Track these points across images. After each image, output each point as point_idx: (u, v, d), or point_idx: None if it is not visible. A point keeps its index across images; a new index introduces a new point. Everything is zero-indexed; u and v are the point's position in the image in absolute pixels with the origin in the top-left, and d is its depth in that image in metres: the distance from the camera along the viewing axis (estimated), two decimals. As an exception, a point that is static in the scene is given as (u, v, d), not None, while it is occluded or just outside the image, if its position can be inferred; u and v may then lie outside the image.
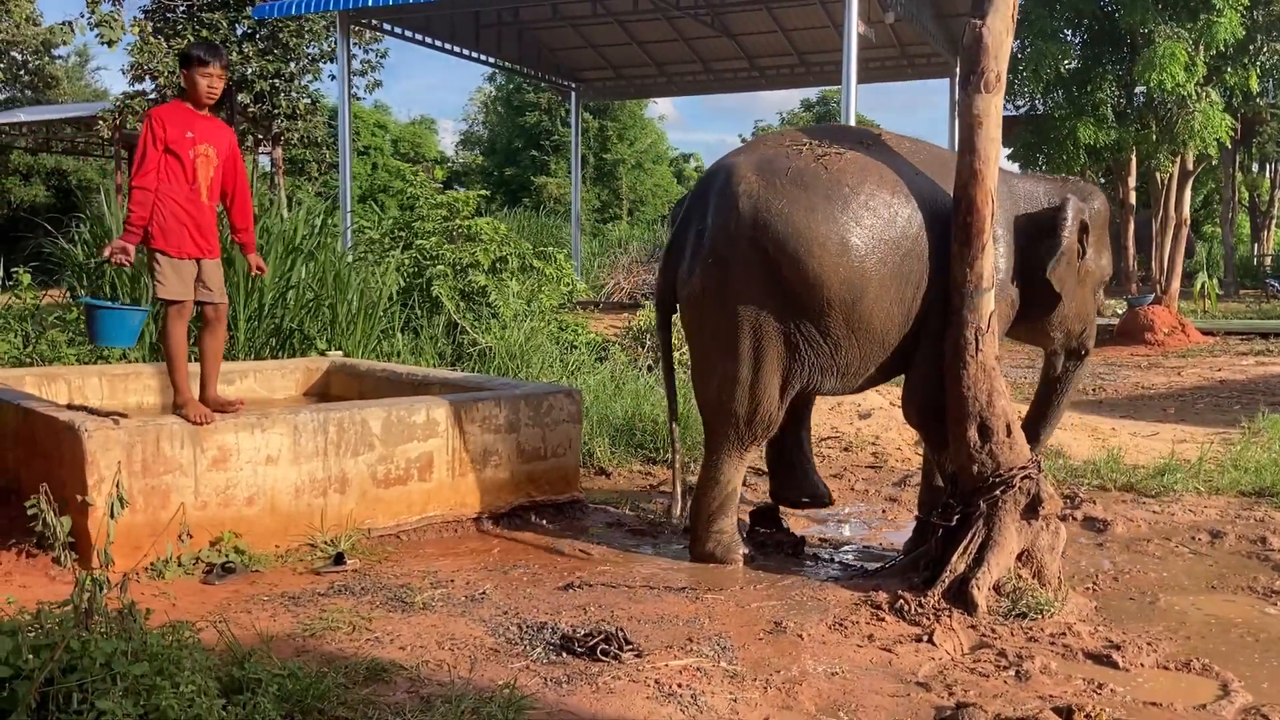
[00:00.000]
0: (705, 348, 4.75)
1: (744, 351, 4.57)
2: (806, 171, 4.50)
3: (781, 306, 4.49)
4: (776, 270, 4.43)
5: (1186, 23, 14.53)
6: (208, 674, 2.92)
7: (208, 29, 17.33)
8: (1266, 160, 30.35)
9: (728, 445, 4.77)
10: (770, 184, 4.48)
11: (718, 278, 4.56)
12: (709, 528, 4.86)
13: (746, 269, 4.48)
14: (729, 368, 4.60)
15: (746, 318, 4.53)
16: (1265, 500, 6.09)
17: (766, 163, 4.58)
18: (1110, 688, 3.53)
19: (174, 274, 4.82)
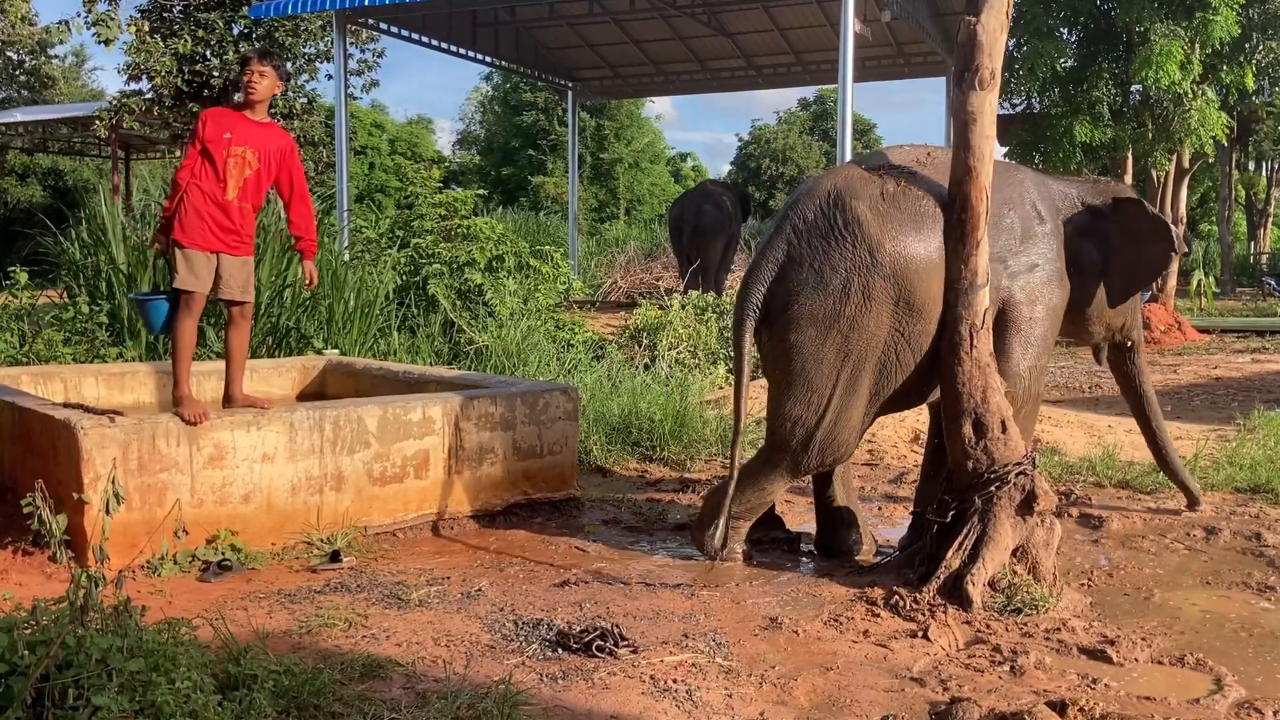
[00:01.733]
0: (798, 368, 4.57)
1: (842, 377, 4.52)
2: (914, 196, 4.53)
3: (891, 332, 4.49)
4: (893, 297, 4.44)
5: (1182, 21, 14.53)
6: (203, 670, 2.93)
7: (204, 29, 17.30)
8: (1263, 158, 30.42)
9: (790, 463, 4.69)
10: (882, 211, 4.48)
11: (829, 302, 4.47)
12: (725, 524, 4.74)
13: (862, 296, 4.44)
14: (821, 391, 4.54)
15: (854, 344, 4.48)
16: (1260, 497, 6.10)
17: (875, 188, 4.56)
18: (1104, 683, 3.54)
19: (187, 266, 4.92)
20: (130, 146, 23.81)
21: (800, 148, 39.32)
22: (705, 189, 16.61)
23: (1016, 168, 5.21)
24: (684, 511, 5.78)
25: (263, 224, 8.58)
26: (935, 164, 4.71)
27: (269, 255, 8.23)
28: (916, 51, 19.24)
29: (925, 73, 20.22)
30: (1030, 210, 4.86)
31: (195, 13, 17.62)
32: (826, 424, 4.57)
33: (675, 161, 42.94)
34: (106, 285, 8.14)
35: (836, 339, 4.48)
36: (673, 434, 7.16)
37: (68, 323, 7.64)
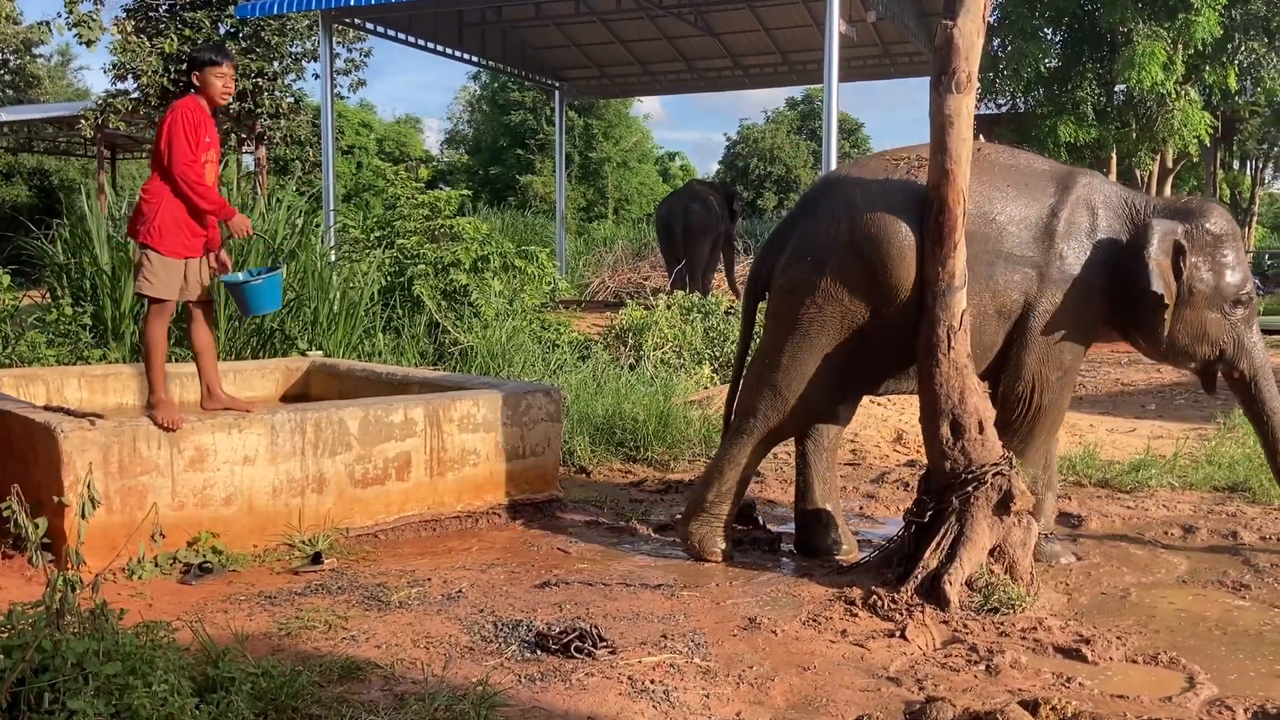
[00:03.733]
0: (773, 333, 4.87)
1: (813, 344, 4.70)
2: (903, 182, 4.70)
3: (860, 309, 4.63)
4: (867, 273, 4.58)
5: (1165, 22, 14.63)
6: (181, 673, 2.93)
7: (190, 28, 17.25)
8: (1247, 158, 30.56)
9: (759, 427, 4.86)
10: (869, 193, 4.68)
11: (812, 273, 4.70)
12: (707, 510, 4.93)
13: (840, 269, 4.64)
14: (796, 352, 4.72)
15: (830, 314, 4.66)
16: (1237, 495, 6.16)
17: (868, 174, 4.82)
18: (1079, 681, 3.57)
19: (164, 273, 4.87)
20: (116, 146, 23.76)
21: (788, 147, 39.40)
22: (693, 189, 16.63)
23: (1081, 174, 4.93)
24: (667, 512, 5.80)
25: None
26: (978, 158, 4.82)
27: (252, 256, 8.22)
28: (902, 51, 19.28)
29: (911, 72, 20.27)
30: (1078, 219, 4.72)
31: (181, 12, 17.58)
32: (793, 387, 4.74)
33: (663, 161, 42.97)
34: (90, 286, 8.12)
35: (810, 308, 4.69)
36: (656, 434, 7.18)
37: (51, 324, 7.62)
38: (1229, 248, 4.81)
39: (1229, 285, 4.78)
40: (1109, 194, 4.85)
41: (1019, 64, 15.67)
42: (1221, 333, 4.83)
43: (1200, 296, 4.76)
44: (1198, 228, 4.75)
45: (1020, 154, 5.07)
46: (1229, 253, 4.80)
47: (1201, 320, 4.80)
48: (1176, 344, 4.84)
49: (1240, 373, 4.92)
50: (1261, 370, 4.93)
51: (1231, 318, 4.83)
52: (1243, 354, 4.89)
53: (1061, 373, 4.72)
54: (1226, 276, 4.78)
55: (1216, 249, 4.77)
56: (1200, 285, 4.75)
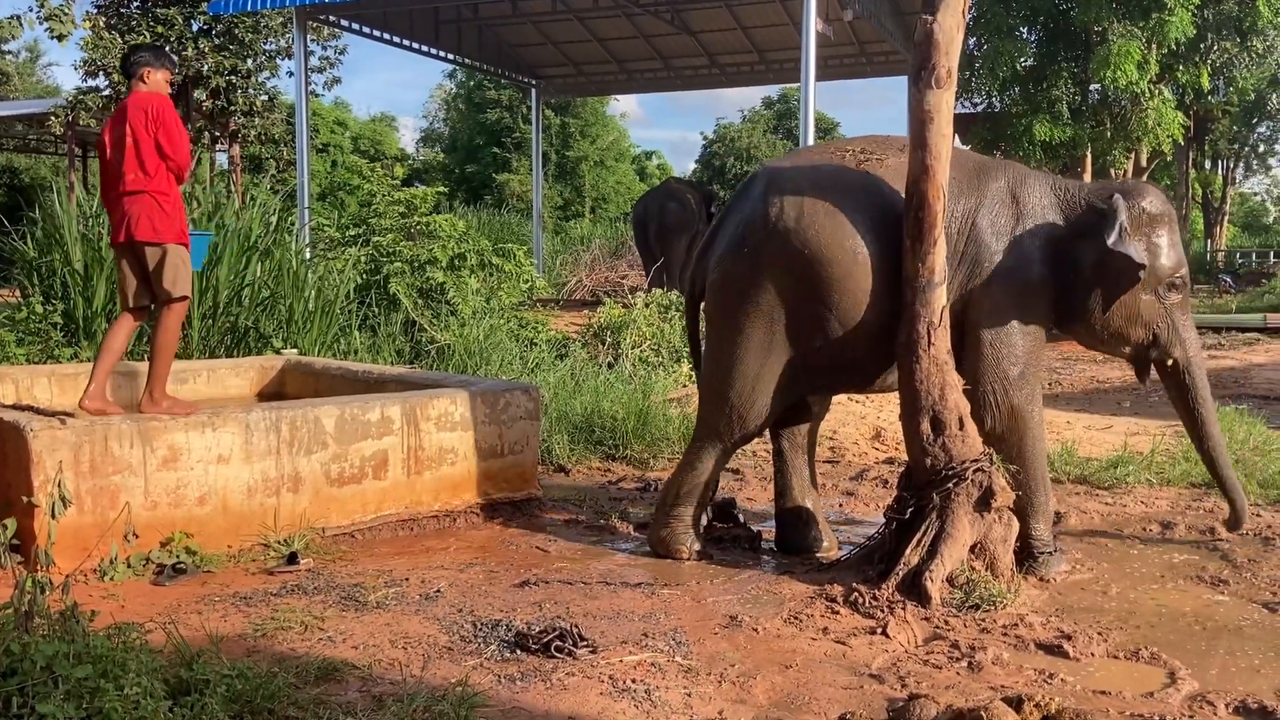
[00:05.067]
0: (718, 335, 4.83)
1: (754, 341, 4.65)
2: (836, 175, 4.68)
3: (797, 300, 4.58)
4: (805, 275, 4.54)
5: (1139, 21, 14.73)
6: (154, 676, 2.88)
7: (162, 24, 17.11)
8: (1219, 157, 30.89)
9: (713, 434, 4.85)
10: (799, 185, 4.64)
11: (745, 272, 4.68)
12: (668, 513, 4.92)
13: (776, 269, 4.60)
14: (736, 355, 4.68)
15: (762, 308, 4.62)
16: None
17: (802, 166, 4.80)
18: (1061, 677, 3.56)
19: (188, 269, 4.90)
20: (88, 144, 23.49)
21: (765, 146, 39.47)
22: (669, 187, 16.62)
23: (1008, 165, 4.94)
24: (646, 510, 5.76)
25: (221, 222, 8.51)
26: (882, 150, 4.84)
27: (227, 255, 8.14)
28: (879, 50, 19.34)
29: (887, 71, 20.35)
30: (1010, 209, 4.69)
31: (153, 8, 17.43)
32: (740, 388, 4.70)
33: (640, 160, 42.98)
34: (61, 285, 8.01)
35: (745, 304, 4.66)
36: (635, 432, 7.15)
37: (21, 323, 7.52)
38: (1165, 229, 4.76)
39: (1164, 266, 4.73)
40: (1035, 182, 4.80)
41: (995, 63, 15.74)
42: (1156, 316, 4.77)
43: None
44: (1135, 207, 4.70)
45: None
46: (1165, 234, 4.75)
47: (1136, 301, 4.72)
48: (1111, 325, 4.75)
49: (1174, 360, 4.87)
50: (1195, 360, 4.90)
51: (1166, 302, 4.78)
52: (1177, 341, 4.83)
53: (1021, 368, 4.61)
54: (1162, 257, 4.72)
55: (1153, 229, 4.72)
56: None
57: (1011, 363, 4.60)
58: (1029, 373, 4.65)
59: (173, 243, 4.84)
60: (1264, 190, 47.86)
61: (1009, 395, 4.59)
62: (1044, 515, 4.73)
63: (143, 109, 4.82)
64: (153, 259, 4.80)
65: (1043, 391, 7.83)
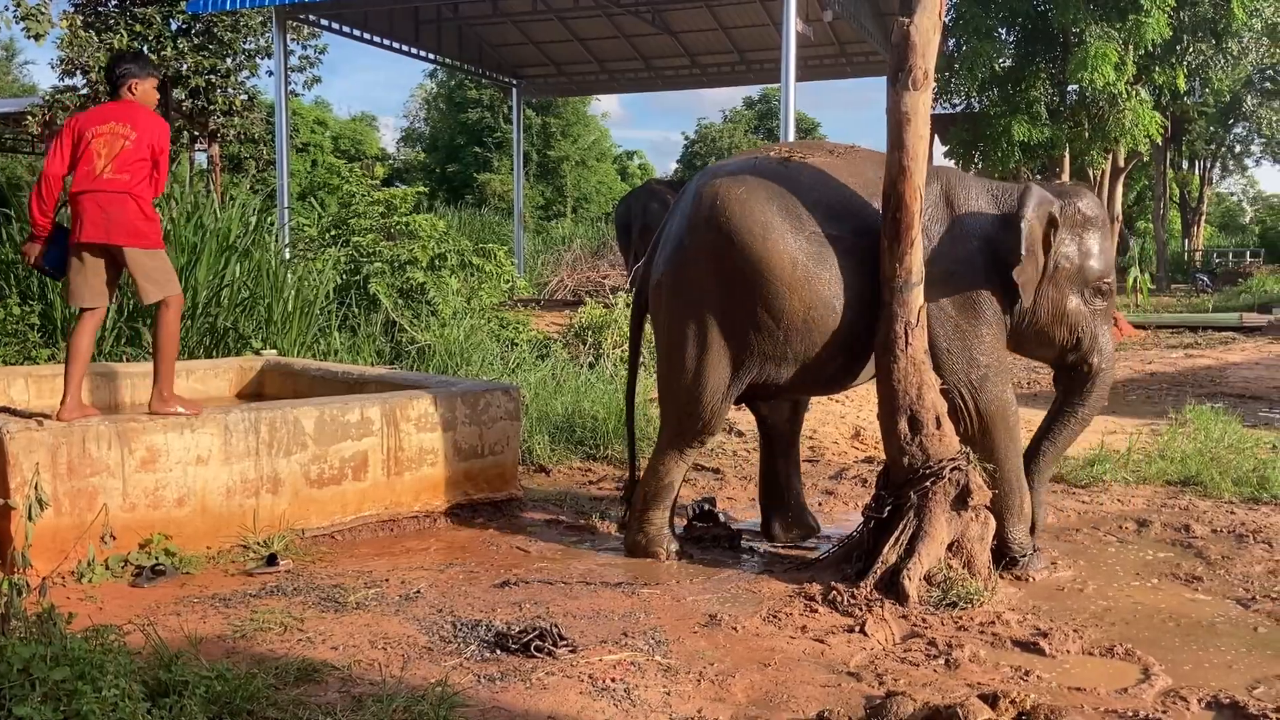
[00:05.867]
0: (665, 337, 4.87)
1: (695, 340, 4.69)
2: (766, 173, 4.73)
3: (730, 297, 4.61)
4: (727, 262, 4.59)
5: (1116, 23, 14.84)
6: (132, 677, 2.88)
7: (141, 23, 16.99)
8: (1196, 157, 31.13)
9: (672, 437, 4.90)
10: (730, 183, 4.70)
11: (677, 268, 4.75)
12: (640, 518, 4.95)
13: (701, 260, 4.67)
14: (682, 355, 4.73)
15: (698, 308, 4.67)
16: (1190, 489, 6.24)
17: (734, 166, 4.88)
18: (1037, 674, 3.60)
19: (169, 267, 4.90)
20: (66, 144, 23.30)
21: (746, 146, 39.51)
22: (651, 188, 16.64)
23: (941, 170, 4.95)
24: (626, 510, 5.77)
25: (200, 222, 8.47)
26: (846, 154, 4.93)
27: (206, 255, 8.11)
28: (859, 51, 19.38)
29: (868, 72, 20.36)
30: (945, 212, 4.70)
31: (131, 7, 17.32)
32: (689, 386, 4.74)
33: (622, 160, 42.98)
34: (39, 285, 7.96)
35: (688, 303, 4.72)
36: (616, 432, 7.16)
37: (-5, 325, 7.47)
38: (1098, 232, 4.79)
39: (1093, 269, 4.75)
40: (968, 185, 4.81)
41: (974, 64, 15.84)
42: (1080, 319, 4.76)
43: (1064, 274, 4.71)
44: (1070, 205, 4.73)
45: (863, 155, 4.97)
46: (1097, 237, 4.78)
47: (1063, 300, 4.72)
48: (1038, 322, 4.73)
49: (1089, 365, 4.83)
50: (1106, 371, 4.87)
51: (1092, 305, 4.78)
52: (1096, 348, 4.81)
53: (982, 371, 4.59)
54: (1092, 260, 4.75)
55: (1086, 230, 4.75)
56: (1065, 263, 4.70)
57: (971, 367, 4.60)
58: (992, 375, 4.62)
59: (154, 247, 4.81)
60: (1240, 190, 48.33)
61: (974, 399, 4.60)
62: (1019, 516, 4.75)
63: (155, 129, 4.81)
64: (134, 263, 4.75)
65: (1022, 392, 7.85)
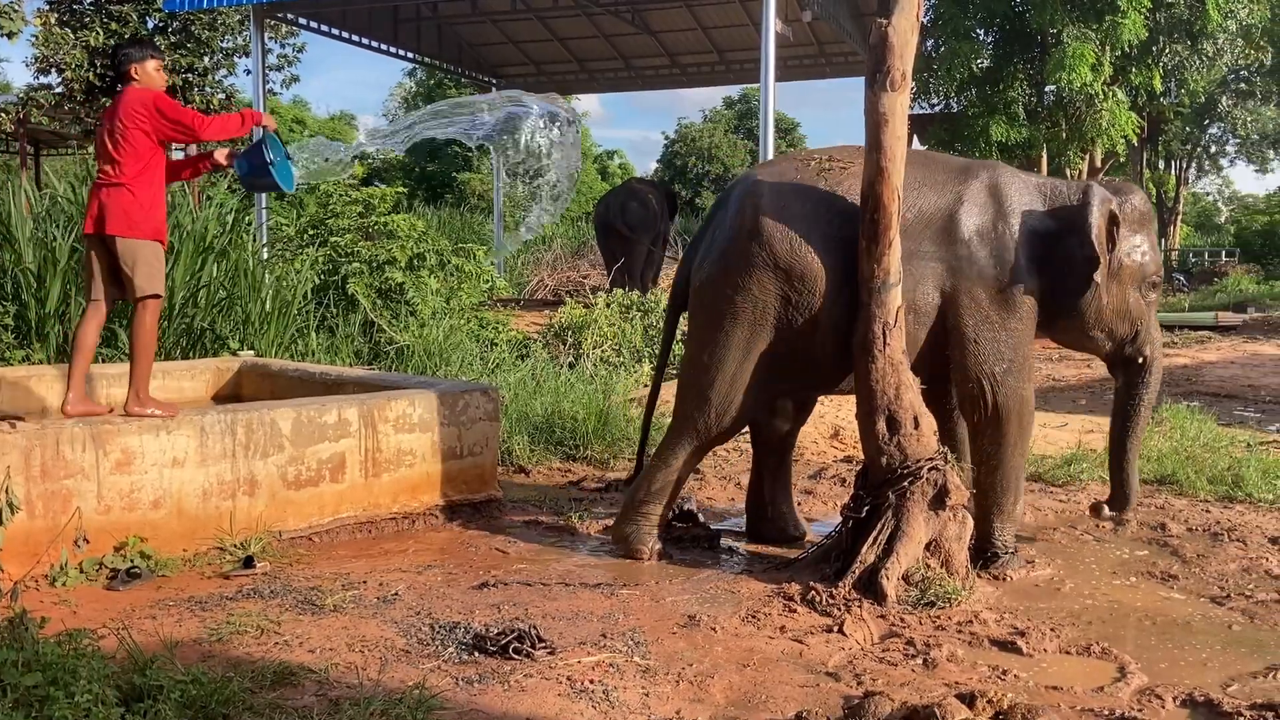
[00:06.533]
0: (700, 335, 4.88)
1: (735, 342, 4.70)
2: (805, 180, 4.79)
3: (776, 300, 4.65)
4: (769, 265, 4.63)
5: (1093, 24, 14.92)
6: (106, 682, 2.86)
7: (117, 21, 16.91)
8: (1172, 158, 31.34)
9: (689, 434, 4.88)
10: (772, 190, 4.76)
11: (718, 272, 4.77)
12: (636, 510, 4.95)
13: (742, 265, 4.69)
14: (714, 357, 4.74)
15: (742, 310, 4.68)
16: (1166, 488, 6.28)
17: (777, 173, 4.91)
18: (1014, 673, 3.61)
19: (161, 265, 4.84)
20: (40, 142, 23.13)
21: (726, 146, 39.58)
22: (631, 187, 16.63)
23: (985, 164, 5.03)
24: (607, 510, 5.77)
25: (177, 222, 8.40)
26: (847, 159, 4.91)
27: (183, 255, 8.05)
28: (838, 51, 19.45)
29: (847, 72, 20.45)
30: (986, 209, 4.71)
31: (107, 5, 17.21)
32: (717, 388, 4.74)
33: (602, 159, 42.92)
34: (13, 286, 7.88)
35: (723, 306, 4.73)
36: (596, 433, 7.15)
37: (-32, 328, 7.38)
38: (1150, 229, 4.92)
39: (1149, 265, 4.86)
40: (1019, 180, 4.86)
41: (952, 64, 15.90)
42: (1139, 313, 4.88)
43: (1127, 271, 4.80)
44: (1128, 203, 4.84)
45: (927, 152, 5.15)
46: (1150, 234, 4.92)
47: (1125, 296, 4.82)
48: (1103, 319, 4.82)
49: (1144, 356, 4.96)
50: (1158, 361, 5.05)
51: (1146, 299, 4.91)
52: (1148, 339, 4.95)
53: (1006, 365, 4.64)
54: (1149, 256, 4.86)
55: (1143, 227, 4.88)
56: (1129, 260, 4.80)
57: (997, 360, 4.64)
58: (1015, 370, 4.67)
59: (147, 239, 4.77)
60: (1215, 190, 48.70)
61: (994, 391, 4.65)
62: (1009, 517, 4.77)
63: (131, 104, 4.76)
64: (125, 254, 4.73)
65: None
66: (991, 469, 4.72)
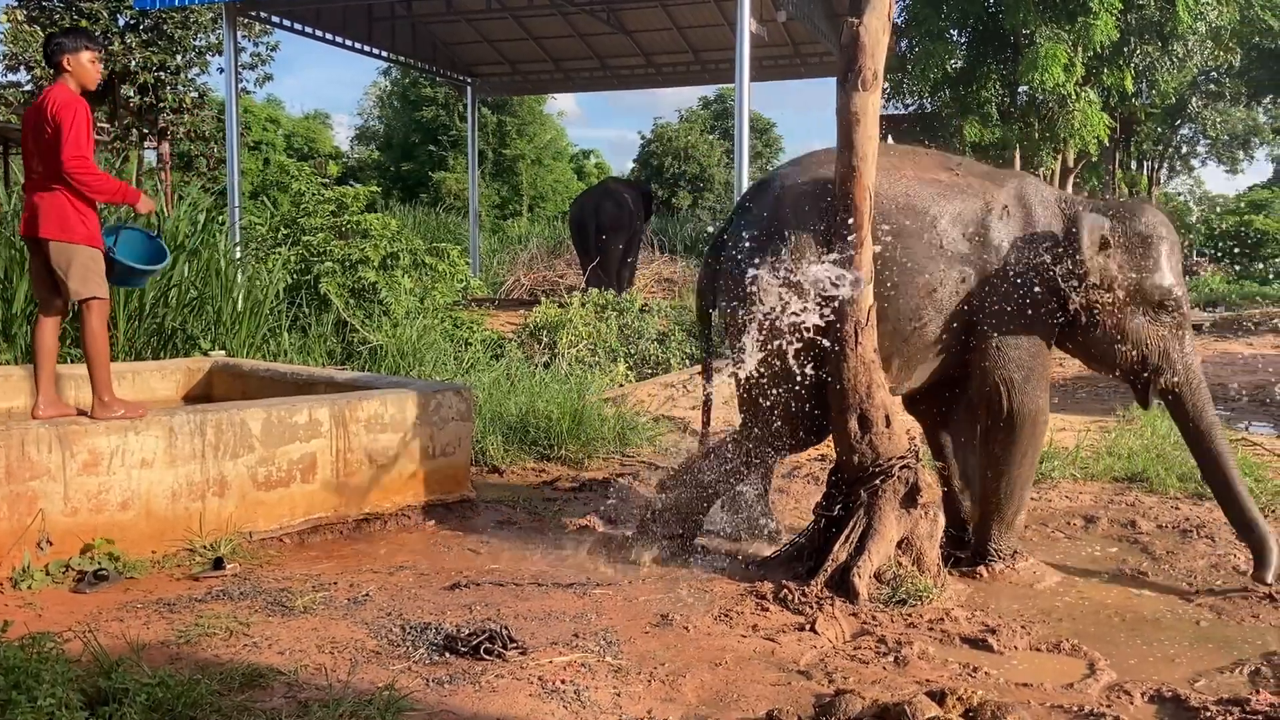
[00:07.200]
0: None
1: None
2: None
3: None
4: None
5: (1065, 25, 15.01)
6: (70, 686, 2.83)
7: (87, 19, 16.75)
8: (1144, 158, 31.62)
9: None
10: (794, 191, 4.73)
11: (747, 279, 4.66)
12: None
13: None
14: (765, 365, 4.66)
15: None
16: (1136, 485, 6.33)
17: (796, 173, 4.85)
18: (985, 670, 3.63)
19: (100, 269, 4.74)
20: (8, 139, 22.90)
21: (702, 146, 39.52)
22: (607, 187, 16.61)
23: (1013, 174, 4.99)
24: (581, 510, 5.76)
25: (149, 222, 8.32)
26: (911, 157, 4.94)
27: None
28: (813, 52, 19.48)
29: (822, 73, 20.47)
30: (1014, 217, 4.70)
31: (77, 1, 17.05)
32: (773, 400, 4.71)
33: (579, 158, 42.84)
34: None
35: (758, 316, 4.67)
36: (570, 432, 7.13)
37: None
38: (1157, 251, 4.69)
39: (1153, 289, 4.66)
40: (1044, 196, 4.81)
41: (926, 65, 15.96)
42: (1146, 338, 4.70)
43: (1126, 295, 4.67)
44: (1126, 227, 4.70)
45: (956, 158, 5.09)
46: (1156, 255, 4.68)
47: (1122, 321, 4.69)
48: (1099, 343, 4.76)
49: (1164, 385, 4.75)
50: (1188, 384, 4.73)
51: (1159, 323, 4.71)
52: (1168, 365, 4.71)
53: (1025, 373, 4.62)
54: (1151, 279, 4.66)
55: (1145, 249, 4.67)
56: (1125, 283, 4.66)
57: (1016, 367, 4.62)
58: (1034, 379, 4.65)
59: (80, 243, 4.68)
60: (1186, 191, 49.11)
61: (1010, 398, 4.63)
62: (1007, 526, 4.75)
63: (57, 101, 4.67)
64: (57, 258, 4.64)
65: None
66: (997, 475, 4.70)
